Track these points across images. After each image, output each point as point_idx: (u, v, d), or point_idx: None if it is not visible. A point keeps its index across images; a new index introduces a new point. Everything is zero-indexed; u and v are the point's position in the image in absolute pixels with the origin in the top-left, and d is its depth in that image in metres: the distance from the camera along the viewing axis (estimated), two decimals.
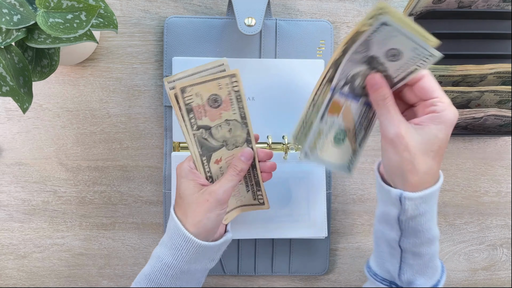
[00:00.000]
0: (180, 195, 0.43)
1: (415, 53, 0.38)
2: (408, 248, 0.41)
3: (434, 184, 0.39)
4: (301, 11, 0.58)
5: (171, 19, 0.56)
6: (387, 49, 0.38)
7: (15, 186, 0.59)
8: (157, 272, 0.43)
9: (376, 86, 0.40)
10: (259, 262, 0.59)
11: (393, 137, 0.38)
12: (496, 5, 0.56)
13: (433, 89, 0.39)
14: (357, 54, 0.39)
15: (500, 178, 0.62)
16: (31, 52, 0.45)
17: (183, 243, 0.42)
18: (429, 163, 0.38)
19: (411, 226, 0.40)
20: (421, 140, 0.38)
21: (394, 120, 0.39)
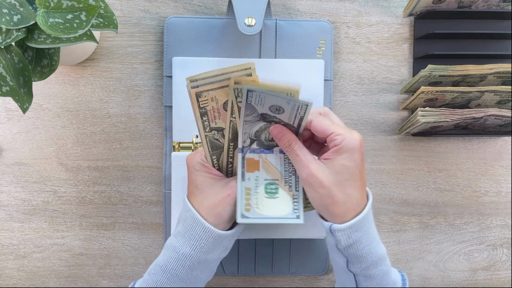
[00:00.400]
0: (197, 187, 0.44)
1: (290, 105, 0.41)
2: (358, 272, 0.42)
3: (362, 211, 0.41)
4: (301, 11, 0.58)
5: (171, 19, 0.56)
6: (268, 107, 0.42)
7: (15, 186, 0.59)
8: (173, 263, 0.43)
9: (279, 135, 0.43)
10: (259, 262, 0.59)
11: (307, 177, 0.41)
12: (496, 5, 0.56)
13: (324, 128, 0.42)
14: (248, 117, 0.43)
15: (500, 178, 0.62)
16: (31, 52, 0.45)
17: (202, 233, 0.42)
18: (347, 192, 0.40)
19: (351, 253, 0.41)
20: (331, 173, 0.40)
21: (303, 161, 0.41)
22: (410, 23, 0.59)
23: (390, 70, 0.60)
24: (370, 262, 0.41)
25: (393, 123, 0.60)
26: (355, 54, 0.59)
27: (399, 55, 0.60)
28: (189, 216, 0.43)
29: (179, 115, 0.55)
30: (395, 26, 0.59)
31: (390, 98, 0.60)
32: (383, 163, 0.61)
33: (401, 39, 0.59)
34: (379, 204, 0.61)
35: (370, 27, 0.59)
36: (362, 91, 0.60)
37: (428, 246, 0.62)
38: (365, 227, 0.41)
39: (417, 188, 0.61)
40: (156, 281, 0.43)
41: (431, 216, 0.62)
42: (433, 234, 0.62)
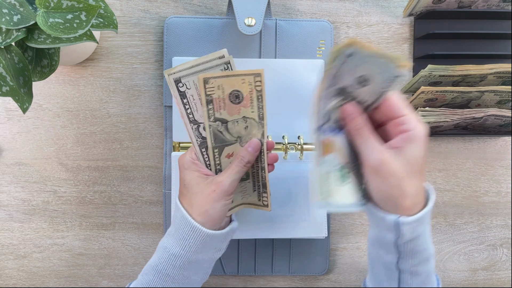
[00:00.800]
0: (185, 186, 0.44)
1: (384, 76, 0.38)
2: (407, 269, 0.41)
3: (426, 204, 0.40)
4: (301, 11, 0.58)
5: (171, 19, 0.56)
6: (356, 77, 0.39)
7: (15, 186, 0.59)
8: (164, 263, 0.43)
9: (349, 116, 0.40)
10: (259, 262, 0.59)
11: (377, 165, 0.38)
12: (496, 5, 0.56)
13: (401, 107, 0.39)
14: (328, 89, 0.40)
15: (500, 178, 0.62)
16: (31, 52, 0.45)
17: (190, 233, 0.42)
18: (416, 184, 0.38)
19: (409, 248, 0.40)
20: (404, 163, 0.38)
21: (375, 147, 0.38)
22: (410, 23, 0.59)
23: None
24: (423, 258, 0.40)
25: None
26: None
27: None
28: (179, 216, 0.43)
29: (179, 115, 0.55)
30: (395, 26, 0.59)
31: None
32: None
33: (401, 39, 0.59)
34: None
35: (370, 27, 0.59)
36: None
37: None
38: (427, 221, 0.40)
39: None
40: (148, 281, 0.43)
41: (431, 216, 0.62)
42: (433, 234, 0.62)
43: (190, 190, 0.43)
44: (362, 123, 0.39)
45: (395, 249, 0.40)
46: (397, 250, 0.40)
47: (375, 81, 0.39)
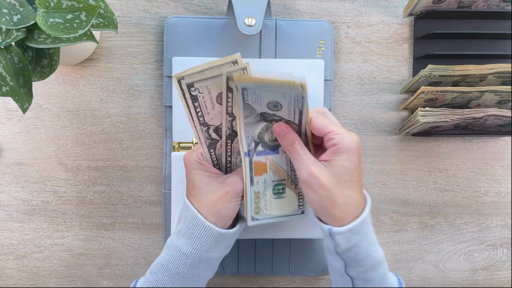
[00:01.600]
0: (194, 186, 0.44)
1: (287, 99, 0.40)
2: (356, 276, 0.42)
3: (361, 213, 0.41)
4: (301, 11, 0.58)
5: (171, 19, 0.56)
6: (266, 103, 0.41)
7: (15, 186, 0.59)
8: (175, 262, 0.43)
9: (282, 133, 0.42)
10: (259, 262, 0.59)
11: (306, 178, 0.40)
12: (496, 5, 0.56)
13: (324, 125, 0.41)
14: (248, 118, 0.42)
15: (500, 178, 0.62)
16: (31, 52, 0.45)
17: (203, 232, 0.42)
18: (346, 194, 0.40)
19: (350, 256, 0.41)
20: (332, 174, 0.40)
21: (304, 161, 0.41)
22: (410, 23, 0.59)
23: (390, 70, 0.60)
24: (369, 265, 0.41)
25: (393, 123, 0.60)
26: (355, 54, 0.59)
27: (399, 55, 0.60)
28: (189, 215, 0.43)
29: (179, 115, 0.55)
30: (395, 26, 0.59)
31: (390, 98, 0.60)
32: (383, 163, 0.61)
33: (401, 39, 0.59)
34: (379, 204, 0.61)
35: (370, 27, 0.59)
36: (362, 91, 0.60)
37: (428, 246, 0.62)
38: (365, 230, 0.41)
39: (417, 188, 0.61)
40: (158, 279, 0.43)
41: (431, 216, 0.62)
42: (433, 234, 0.62)
43: (200, 189, 0.44)
44: (294, 139, 0.42)
45: (339, 256, 0.41)
46: (341, 258, 0.41)
47: (284, 104, 0.41)
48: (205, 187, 0.44)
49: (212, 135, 0.44)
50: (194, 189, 0.44)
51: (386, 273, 0.43)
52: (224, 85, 0.41)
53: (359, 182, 0.41)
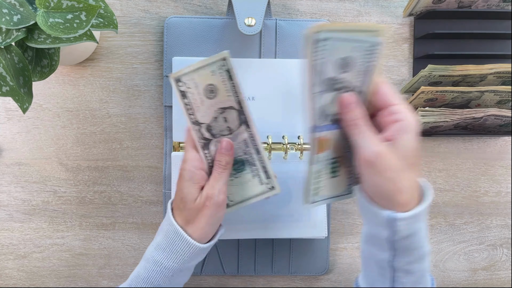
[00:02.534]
0: (182, 199, 0.43)
1: (363, 49, 0.36)
2: (401, 267, 0.39)
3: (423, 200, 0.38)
4: (301, 11, 0.58)
5: (171, 19, 0.56)
6: (336, 64, 0.37)
7: (15, 186, 0.59)
8: (156, 275, 0.43)
9: (349, 106, 0.38)
10: (259, 262, 0.59)
11: (372, 158, 0.36)
12: (496, 5, 0.56)
13: (392, 95, 0.38)
14: (316, 86, 0.38)
15: (500, 178, 0.62)
16: (31, 52, 0.45)
17: (186, 248, 0.42)
18: (412, 178, 0.37)
19: (404, 245, 0.38)
20: (399, 155, 0.36)
21: (372, 139, 0.37)
22: (410, 23, 0.59)
23: (390, 70, 0.60)
24: (418, 256, 0.38)
25: None
26: None
27: (399, 55, 0.60)
28: (172, 230, 0.43)
29: (179, 115, 0.55)
30: (395, 26, 0.59)
31: None
32: None
33: (401, 39, 0.59)
34: None
35: None
36: None
37: None
38: (424, 218, 0.38)
39: None
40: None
41: (431, 216, 0.62)
42: (433, 234, 0.62)
43: (186, 205, 0.43)
44: (360, 115, 0.38)
45: (389, 246, 0.38)
46: (392, 247, 0.38)
47: (357, 61, 0.37)
48: (191, 203, 0.42)
49: (205, 134, 0.44)
50: (181, 203, 0.43)
51: (428, 267, 0.40)
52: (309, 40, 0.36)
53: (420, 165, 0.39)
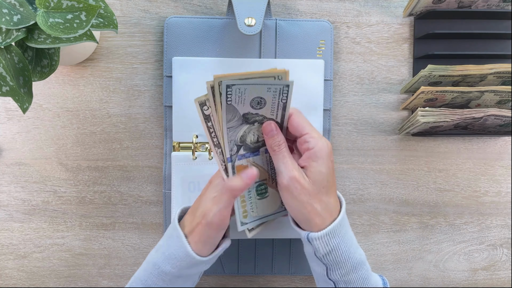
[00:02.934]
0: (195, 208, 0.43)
1: (271, 92, 0.40)
2: (338, 279, 0.42)
3: (337, 216, 0.41)
4: (301, 11, 0.58)
5: (171, 19, 0.56)
6: (250, 101, 0.40)
7: (15, 186, 0.59)
8: (154, 278, 0.43)
9: (271, 133, 0.42)
10: (259, 262, 0.59)
11: (288, 183, 0.40)
12: (496, 5, 0.56)
13: (302, 125, 0.41)
14: (231, 122, 0.41)
15: (500, 178, 0.62)
16: (31, 52, 0.45)
17: (183, 255, 0.42)
18: (325, 200, 0.41)
19: (330, 260, 0.41)
20: (311, 181, 0.40)
21: (289, 166, 0.40)
22: (410, 23, 0.59)
23: (390, 70, 0.60)
24: (350, 267, 0.41)
25: (393, 123, 0.60)
26: (355, 54, 0.59)
27: (399, 55, 0.60)
28: (175, 236, 0.43)
29: (179, 115, 0.55)
30: (395, 26, 0.59)
31: (390, 98, 0.60)
32: (383, 163, 0.61)
33: (401, 39, 0.59)
34: (379, 204, 0.61)
35: (370, 27, 0.59)
36: (362, 91, 0.60)
37: (428, 246, 0.62)
38: (342, 233, 0.41)
39: (417, 188, 0.61)
40: None
41: (431, 216, 0.62)
42: (433, 234, 0.62)
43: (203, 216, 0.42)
44: (281, 141, 0.42)
45: (319, 261, 0.42)
46: (322, 262, 0.42)
47: (268, 99, 0.41)
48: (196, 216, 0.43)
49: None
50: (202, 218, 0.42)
51: (368, 274, 0.43)
52: (208, 89, 0.39)
53: (334, 186, 0.42)
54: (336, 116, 0.60)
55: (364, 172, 0.61)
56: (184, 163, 0.54)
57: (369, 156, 0.60)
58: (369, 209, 0.61)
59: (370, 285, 0.43)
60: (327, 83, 0.57)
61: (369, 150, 0.60)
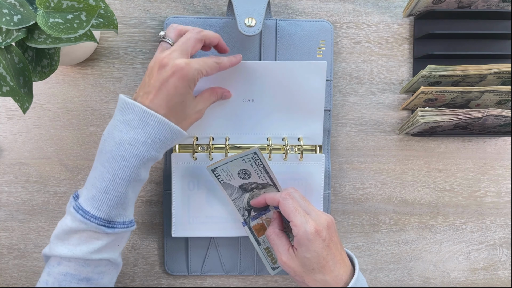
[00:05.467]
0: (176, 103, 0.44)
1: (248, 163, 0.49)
2: None
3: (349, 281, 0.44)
4: (301, 11, 0.58)
5: (170, 19, 0.56)
6: (237, 175, 0.51)
7: (15, 186, 0.59)
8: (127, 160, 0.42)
9: (273, 220, 0.51)
10: (259, 262, 0.59)
11: (282, 264, 0.46)
12: (496, 5, 0.56)
13: (287, 213, 0.46)
14: (232, 195, 0.52)
15: (500, 178, 0.62)
16: (31, 52, 0.45)
17: (163, 129, 0.43)
18: (318, 279, 0.44)
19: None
20: (300, 263, 0.44)
21: (279, 250, 0.46)
22: (410, 23, 0.59)
23: (390, 70, 0.60)
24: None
25: (393, 123, 0.60)
26: (355, 54, 0.59)
27: (399, 55, 0.60)
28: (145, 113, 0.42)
29: None
30: (395, 26, 0.59)
31: (390, 98, 0.60)
32: (383, 163, 0.61)
33: (401, 39, 0.60)
34: (379, 204, 0.61)
35: (370, 27, 0.59)
36: (362, 91, 0.60)
37: (428, 246, 0.62)
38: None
39: (417, 188, 0.61)
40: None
41: (431, 216, 0.62)
42: (433, 234, 0.62)
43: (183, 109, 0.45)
44: (270, 233, 0.49)
45: None
46: None
47: (250, 169, 0.50)
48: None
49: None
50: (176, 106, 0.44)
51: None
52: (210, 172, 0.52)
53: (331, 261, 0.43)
54: (336, 116, 0.60)
55: (364, 172, 0.61)
56: (184, 163, 0.54)
57: (369, 156, 0.60)
58: (369, 209, 0.61)
59: None
60: (327, 83, 0.57)
61: (369, 150, 0.60)
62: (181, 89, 0.43)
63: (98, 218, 0.42)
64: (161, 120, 0.42)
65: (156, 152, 0.43)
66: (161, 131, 0.42)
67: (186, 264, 0.59)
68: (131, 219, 0.46)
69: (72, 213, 0.42)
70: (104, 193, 0.42)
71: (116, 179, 0.42)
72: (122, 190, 0.42)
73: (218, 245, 0.59)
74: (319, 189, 0.55)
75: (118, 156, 0.42)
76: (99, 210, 0.42)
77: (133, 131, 0.42)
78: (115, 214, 0.43)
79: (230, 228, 0.56)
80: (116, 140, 0.42)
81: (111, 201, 0.42)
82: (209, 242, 0.58)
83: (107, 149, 0.42)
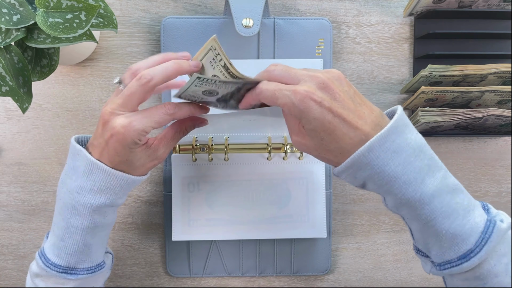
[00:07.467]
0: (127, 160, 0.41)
1: (200, 86, 0.39)
2: (405, 214, 0.38)
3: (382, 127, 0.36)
4: (301, 11, 0.58)
5: (167, 19, 0.55)
6: (206, 96, 0.41)
7: (14, 186, 0.59)
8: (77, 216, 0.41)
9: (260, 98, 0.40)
10: (261, 263, 0.59)
11: (295, 144, 0.41)
12: (496, 5, 0.56)
13: (270, 102, 0.39)
14: (219, 107, 0.44)
15: (500, 178, 0.62)
16: (30, 52, 0.45)
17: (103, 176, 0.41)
18: (330, 148, 0.37)
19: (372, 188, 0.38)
20: (310, 138, 0.38)
21: (291, 129, 0.41)
22: (410, 23, 0.59)
23: (390, 70, 0.60)
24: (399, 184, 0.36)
25: None
26: (355, 54, 0.59)
27: (399, 55, 0.60)
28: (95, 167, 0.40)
29: None
30: (395, 26, 0.59)
31: (390, 98, 0.60)
32: None
33: (401, 39, 0.59)
34: (380, 204, 0.61)
35: (370, 27, 0.59)
36: (362, 91, 0.59)
37: None
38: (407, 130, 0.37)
39: None
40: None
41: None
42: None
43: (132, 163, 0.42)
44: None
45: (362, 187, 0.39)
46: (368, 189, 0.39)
47: (208, 87, 0.39)
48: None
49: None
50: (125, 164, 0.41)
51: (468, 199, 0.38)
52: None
53: (342, 123, 0.36)
54: None
55: None
56: (184, 164, 0.54)
57: None
58: (370, 209, 0.61)
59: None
60: None
61: None
62: (121, 151, 0.40)
63: (58, 266, 0.42)
64: (107, 170, 0.40)
65: (107, 199, 0.41)
66: (108, 180, 0.40)
67: (188, 266, 0.59)
68: (98, 263, 0.45)
69: (36, 258, 0.44)
70: (61, 240, 0.42)
71: (69, 227, 0.41)
72: (78, 238, 0.41)
73: (220, 246, 0.58)
74: (320, 188, 0.55)
75: (69, 204, 0.41)
76: (59, 258, 0.42)
77: (80, 179, 0.40)
78: (76, 261, 0.42)
79: (231, 231, 0.55)
80: (67, 187, 0.41)
81: (68, 249, 0.42)
82: (211, 243, 0.58)
83: (61, 196, 0.42)
